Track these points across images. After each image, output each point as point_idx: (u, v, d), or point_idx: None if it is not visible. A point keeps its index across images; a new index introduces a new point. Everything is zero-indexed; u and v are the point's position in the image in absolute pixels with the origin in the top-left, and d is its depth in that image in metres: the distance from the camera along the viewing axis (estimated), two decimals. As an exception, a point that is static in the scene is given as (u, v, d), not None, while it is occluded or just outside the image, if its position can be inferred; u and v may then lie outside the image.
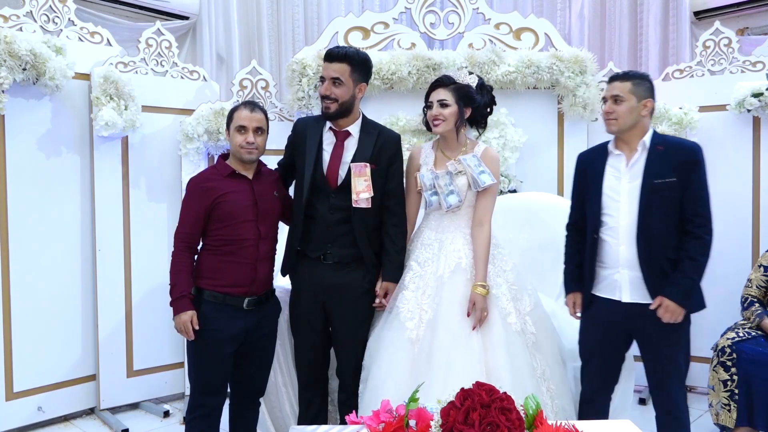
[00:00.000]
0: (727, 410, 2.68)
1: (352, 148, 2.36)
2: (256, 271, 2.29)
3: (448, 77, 2.43)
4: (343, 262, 2.37)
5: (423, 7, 3.69)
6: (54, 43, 3.06)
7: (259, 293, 2.33)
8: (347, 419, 1.69)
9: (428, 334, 2.28)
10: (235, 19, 5.15)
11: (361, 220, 2.35)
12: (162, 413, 3.38)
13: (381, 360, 2.31)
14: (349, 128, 2.38)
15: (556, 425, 1.51)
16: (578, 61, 3.50)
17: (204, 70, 3.79)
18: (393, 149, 2.41)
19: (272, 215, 2.37)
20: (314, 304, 2.42)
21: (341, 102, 2.31)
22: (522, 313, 2.37)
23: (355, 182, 2.30)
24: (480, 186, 2.36)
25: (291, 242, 2.45)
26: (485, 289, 2.30)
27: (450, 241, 2.41)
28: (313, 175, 2.34)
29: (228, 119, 2.36)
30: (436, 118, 2.38)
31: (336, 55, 2.31)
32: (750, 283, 2.96)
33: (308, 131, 2.39)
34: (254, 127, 2.29)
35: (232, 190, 2.28)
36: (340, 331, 2.44)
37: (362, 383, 2.37)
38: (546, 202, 3.21)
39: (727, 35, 3.52)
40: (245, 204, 2.28)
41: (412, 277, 2.40)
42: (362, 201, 2.31)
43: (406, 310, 2.34)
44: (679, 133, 3.40)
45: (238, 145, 2.28)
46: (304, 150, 2.37)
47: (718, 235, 3.48)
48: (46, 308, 3.18)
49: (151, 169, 3.50)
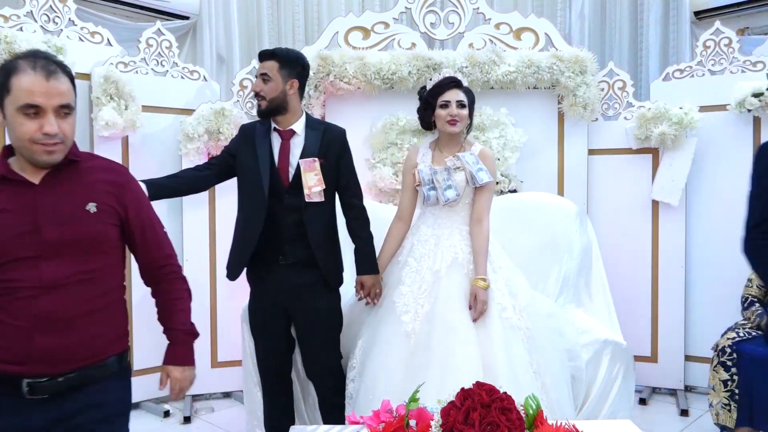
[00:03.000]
0: (727, 410, 2.68)
1: (299, 146, 2.38)
2: (32, 341, 1.40)
3: (457, 79, 2.46)
4: (302, 262, 2.37)
5: (423, 7, 3.69)
6: (54, 43, 3.06)
7: (50, 373, 1.43)
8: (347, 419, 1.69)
9: (425, 328, 2.30)
10: (236, 19, 5.15)
11: (314, 219, 2.36)
12: (162, 413, 3.38)
13: (376, 354, 2.33)
14: (293, 126, 2.40)
15: (556, 425, 1.51)
16: (578, 61, 3.50)
17: (204, 70, 3.79)
18: (340, 143, 2.44)
19: (78, 246, 1.45)
20: (274, 307, 2.42)
21: (270, 99, 2.34)
22: (517, 309, 2.40)
23: (306, 177, 2.32)
24: (478, 182, 2.40)
25: (243, 244, 2.41)
26: (486, 282, 2.33)
27: (447, 236, 2.44)
28: (271, 178, 2.34)
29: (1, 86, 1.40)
30: (455, 118, 2.41)
31: (264, 54, 2.38)
32: (750, 283, 2.96)
33: (256, 135, 2.40)
34: (55, 106, 1.40)
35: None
36: (306, 333, 2.45)
37: (355, 379, 2.38)
38: (546, 202, 3.21)
39: (728, 35, 3.51)
40: (17, 231, 1.41)
41: (408, 272, 2.43)
42: (315, 195, 2.33)
43: (402, 304, 2.37)
44: (679, 133, 3.40)
45: (29, 139, 1.39)
46: (255, 153, 2.37)
47: (719, 235, 3.51)
48: (46, 308, 3.18)
49: (151, 169, 3.48)
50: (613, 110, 3.68)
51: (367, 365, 2.34)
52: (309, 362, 2.50)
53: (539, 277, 2.92)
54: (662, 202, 3.53)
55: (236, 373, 3.48)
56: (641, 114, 3.49)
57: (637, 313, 3.62)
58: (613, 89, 3.68)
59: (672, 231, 3.55)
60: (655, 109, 3.45)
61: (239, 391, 3.43)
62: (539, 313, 2.47)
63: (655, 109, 3.45)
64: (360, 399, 2.30)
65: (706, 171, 3.53)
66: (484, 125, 3.45)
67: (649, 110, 3.47)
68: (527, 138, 3.52)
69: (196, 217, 3.53)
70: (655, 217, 3.59)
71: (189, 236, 3.53)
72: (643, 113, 3.49)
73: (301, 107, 2.46)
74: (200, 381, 3.53)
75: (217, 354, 3.60)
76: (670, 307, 3.58)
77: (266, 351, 2.51)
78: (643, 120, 3.47)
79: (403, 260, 2.49)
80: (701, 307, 3.56)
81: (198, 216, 3.54)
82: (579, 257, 3.01)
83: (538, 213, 3.11)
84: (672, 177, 3.47)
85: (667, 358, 3.59)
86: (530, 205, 3.16)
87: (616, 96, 3.68)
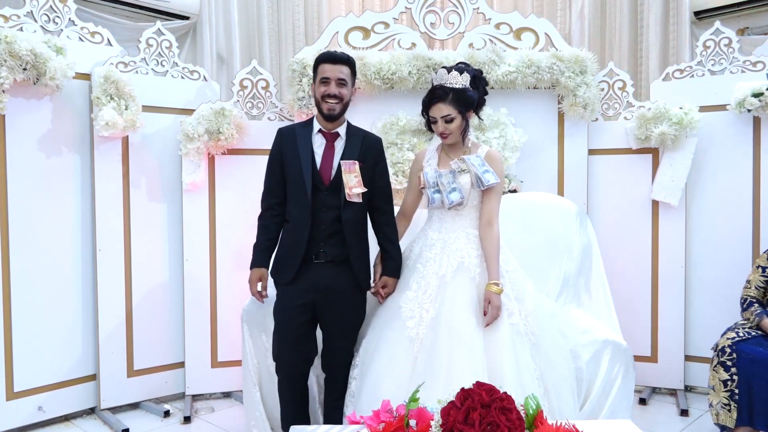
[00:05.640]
0: (727, 410, 2.68)
1: (341, 148, 2.46)
2: None
3: (443, 89, 2.43)
4: (336, 261, 2.42)
5: (423, 7, 3.69)
6: (54, 43, 3.06)
7: None
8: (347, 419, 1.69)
9: (430, 333, 2.29)
10: (236, 19, 5.14)
11: (350, 218, 2.41)
12: (162, 413, 3.38)
13: (380, 358, 2.32)
14: (338, 130, 2.48)
15: (557, 425, 1.51)
16: (578, 61, 3.50)
17: (204, 70, 3.79)
18: (377, 151, 2.53)
19: None
20: (306, 304, 2.43)
21: (345, 102, 2.45)
22: (524, 314, 2.38)
23: (347, 178, 2.39)
24: (484, 185, 2.39)
25: (295, 245, 2.42)
26: (499, 287, 2.32)
27: (453, 240, 2.43)
28: (312, 176, 2.40)
29: None
30: (444, 134, 2.45)
31: (341, 59, 2.45)
32: (749, 284, 2.96)
33: (298, 136, 2.47)
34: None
35: None
36: (332, 330, 2.48)
37: (359, 381, 2.38)
38: (546, 202, 3.21)
39: (728, 35, 3.51)
40: None
41: (416, 278, 2.43)
42: (355, 195, 2.40)
43: (408, 309, 2.36)
44: (679, 133, 3.41)
45: None
46: (297, 154, 2.43)
47: (719, 235, 3.51)
48: (46, 308, 3.18)
49: (151, 169, 3.50)
50: (613, 110, 3.69)
51: (371, 366, 2.34)
52: (326, 356, 2.53)
53: (539, 277, 2.91)
54: (662, 202, 3.53)
55: (236, 373, 3.48)
56: (641, 114, 3.49)
57: (637, 313, 3.62)
58: (613, 89, 3.68)
59: (672, 231, 3.55)
60: (655, 109, 3.45)
61: (239, 391, 3.44)
62: (544, 318, 2.46)
63: (655, 109, 3.45)
64: (363, 399, 2.29)
65: (706, 171, 3.53)
66: (484, 125, 3.45)
67: (649, 110, 3.47)
68: (527, 138, 3.52)
69: (196, 218, 3.54)
70: (655, 217, 3.59)
71: (189, 236, 3.53)
72: (643, 113, 3.49)
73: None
74: (200, 381, 3.57)
75: (217, 354, 3.60)
76: (670, 307, 3.58)
77: (290, 350, 2.48)
78: (643, 120, 3.47)
79: (411, 265, 2.49)
80: (701, 307, 3.56)
81: (198, 216, 3.54)
82: (579, 257, 3.01)
83: (538, 213, 3.11)
84: (672, 177, 3.47)
85: (667, 358, 3.59)
86: (530, 205, 3.16)
87: (616, 96, 3.68)
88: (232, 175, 3.57)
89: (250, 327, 2.73)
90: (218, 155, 3.52)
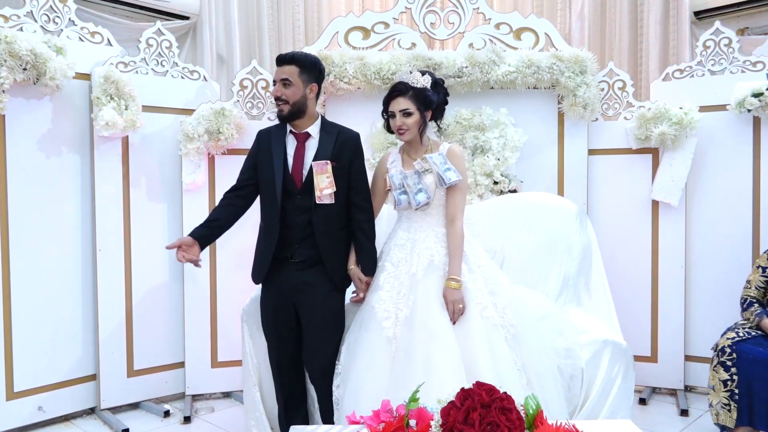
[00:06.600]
0: (727, 410, 2.68)
1: (313, 148, 2.44)
2: None
3: (404, 84, 2.47)
4: (309, 262, 2.43)
5: (423, 7, 3.69)
6: (54, 43, 3.06)
7: None
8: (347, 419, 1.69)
9: (406, 332, 2.31)
10: (236, 19, 5.15)
11: (323, 220, 2.41)
12: (162, 413, 3.38)
13: (360, 361, 2.34)
14: (308, 129, 2.45)
15: (557, 425, 1.51)
16: (578, 61, 3.50)
17: (204, 70, 3.79)
18: (353, 147, 2.48)
19: None
20: (284, 302, 2.46)
21: (292, 103, 2.39)
22: (499, 307, 2.40)
23: (318, 179, 2.37)
24: (446, 183, 2.40)
25: (265, 248, 2.46)
26: (458, 282, 2.34)
27: (422, 239, 2.45)
28: (283, 179, 2.39)
29: None
30: (401, 128, 2.45)
31: (284, 59, 2.41)
32: (749, 285, 2.96)
33: (272, 139, 2.46)
34: None
35: None
36: (308, 329, 2.48)
37: (340, 385, 2.39)
38: (546, 202, 3.20)
39: (728, 35, 3.51)
40: None
41: (386, 277, 2.44)
42: (325, 197, 2.38)
43: (382, 309, 2.38)
44: (679, 133, 3.41)
45: None
46: (270, 157, 2.43)
47: (719, 235, 3.51)
48: (46, 308, 3.18)
49: (151, 169, 3.50)
50: (613, 110, 3.68)
51: (352, 371, 2.35)
52: (307, 358, 2.53)
53: (539, 277, 2.91)
54: (662, 202, 3.53)
55: (236, 373, 3.49)
56: (641, 114, 3.49)
57: (637, 313, 3.62)
58: (613, 89, 3.68)
59: (672, 231, 3.55)
60: (655, 109, 3.45)
61: (239, 391, 3.44)
62: (526, 311, 2.48)
63: (655, 109, 3.45)
64: (344, 405, 2.30)
65: (706, 171, 3.53)
66: (484, 125, 3.45)
67: (649, 110, 3.47)
68: (527, 138, 3.52)
69: (196, 218, 3.53)
70: (655, 217, 3.59)
71: (189, 236, 3.52)
72: (643, 113, 3.49)
73: (317, 111, 2.52)
74: (200, 381, 3.57)
75: (217, 354, 3.60)
76: (670, 307, 3.58)
77: (279, 347, 2.53)
78: (643, 120, 3.47)
79: (380, 264, 2.50)
80: (701, 307, 3.56)
81: (198, 216, 3.53)
82: (579, 257, 3.01)
83: (538, 213, 3.11)
84: (672, 177, 3.47)
85: (667, 358, 3.59)
86: (530, 205, 3.16)
87: (616, 96, 3.68)
88: (232, 175, 3.51)
89: (249, 327, 2.74)
90: (218, 155, 3.52)
